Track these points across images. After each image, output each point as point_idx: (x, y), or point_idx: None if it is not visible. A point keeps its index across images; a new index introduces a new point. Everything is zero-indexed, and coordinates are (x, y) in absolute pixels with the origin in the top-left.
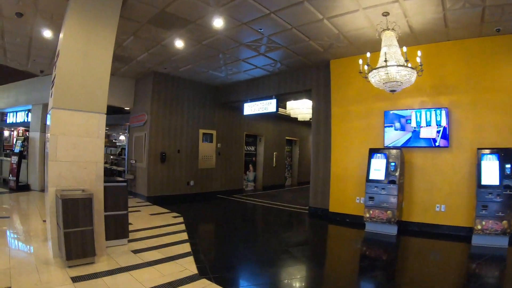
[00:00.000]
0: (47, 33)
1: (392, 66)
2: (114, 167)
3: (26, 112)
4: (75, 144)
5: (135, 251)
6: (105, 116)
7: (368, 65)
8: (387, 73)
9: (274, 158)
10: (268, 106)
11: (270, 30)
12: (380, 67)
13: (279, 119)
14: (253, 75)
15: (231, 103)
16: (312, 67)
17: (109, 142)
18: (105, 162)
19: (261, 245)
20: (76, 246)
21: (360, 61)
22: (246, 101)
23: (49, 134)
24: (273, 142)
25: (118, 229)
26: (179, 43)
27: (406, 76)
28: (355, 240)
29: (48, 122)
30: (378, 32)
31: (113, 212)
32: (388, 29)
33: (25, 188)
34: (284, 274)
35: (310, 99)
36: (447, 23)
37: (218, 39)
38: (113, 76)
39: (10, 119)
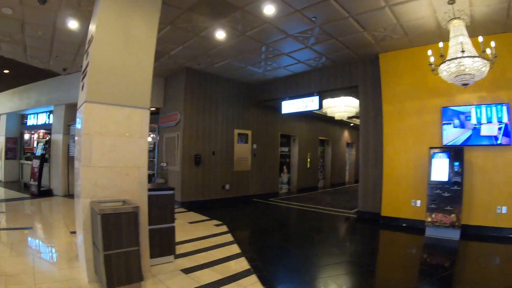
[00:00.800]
0: (73, 24)
1: (467, 58)
2: None
3: (48, 113)
4: (114, 145)
5: (185, 271)
6: (148, 112)
7: (442, 55)
8: (461, 64)
9: (308, 159)
10: (310, 104)
11: (324, 19)
12: (453, 58)
13: (312, 118)
14: (292, 71)
15: (267, 101)
16: (358, 61)
17: None
18: None
19: (325, 256)
20: (119, 271)
21: (429, 52)
22: (285, 99)
23: (78, 135)
24: (306, 142)
25: (163, 244)
26: (220, 34)
27: (481, 68)
28: (420, 247)
29: (78, 123)
30: (445, 21)
31: (159, 225)
32: (456, 18)
33: (48, 193)
34: None
35: (354, 96)
36: (509, 13)
37: (264, 29)
38: None
39: (31, 121)
